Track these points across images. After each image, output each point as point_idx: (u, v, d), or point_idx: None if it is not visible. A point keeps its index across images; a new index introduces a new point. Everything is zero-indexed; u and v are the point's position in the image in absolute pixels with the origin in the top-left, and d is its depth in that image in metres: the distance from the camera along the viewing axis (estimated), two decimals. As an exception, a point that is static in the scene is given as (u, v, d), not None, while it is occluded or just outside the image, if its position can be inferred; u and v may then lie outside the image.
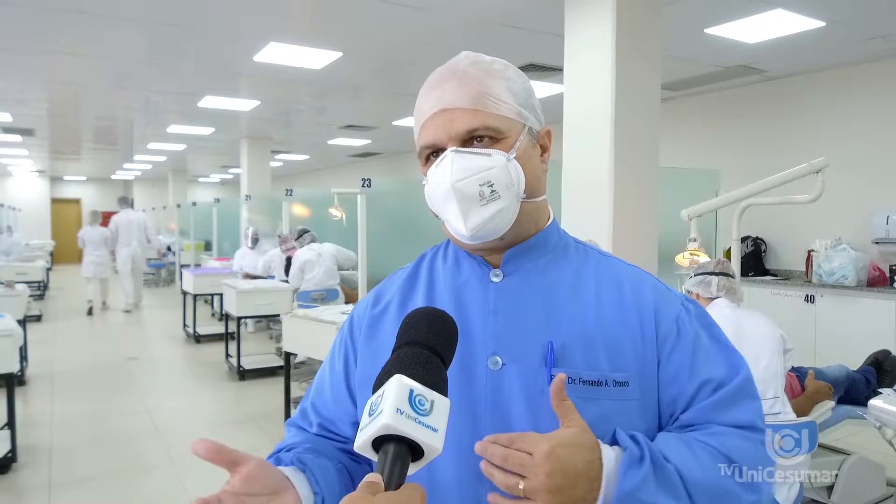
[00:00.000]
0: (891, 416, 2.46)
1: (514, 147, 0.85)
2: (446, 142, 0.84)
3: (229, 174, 17.57)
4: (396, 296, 0.96)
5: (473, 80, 0.85)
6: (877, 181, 5.46)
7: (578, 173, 3.66)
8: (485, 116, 0.84)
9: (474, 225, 0.83)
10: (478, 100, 0.84)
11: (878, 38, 4.89)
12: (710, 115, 6.85)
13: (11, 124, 9.18)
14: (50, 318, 9.16)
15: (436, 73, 0.89)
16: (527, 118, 0.88)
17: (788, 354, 2.60)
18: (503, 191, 0.83)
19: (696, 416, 0.83)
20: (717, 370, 0.85)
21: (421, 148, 0.88)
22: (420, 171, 0.91)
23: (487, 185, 0.82)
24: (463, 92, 0.84)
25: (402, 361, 0.69)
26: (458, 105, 0.84)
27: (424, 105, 0.88)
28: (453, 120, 0.84)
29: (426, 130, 0.87)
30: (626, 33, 3.49)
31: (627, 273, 0.92)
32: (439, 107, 0.85)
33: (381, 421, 0.62)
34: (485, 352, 0.86)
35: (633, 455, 0.74)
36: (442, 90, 0.85)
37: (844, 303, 5.22)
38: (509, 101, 0.86)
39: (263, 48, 5.19)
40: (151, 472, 3.77)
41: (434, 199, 0.87)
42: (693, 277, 2.77)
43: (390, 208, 5.77)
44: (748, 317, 2.64)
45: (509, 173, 0.84)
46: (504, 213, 0.84)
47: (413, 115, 0.93)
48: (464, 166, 0.82)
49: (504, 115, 0.85)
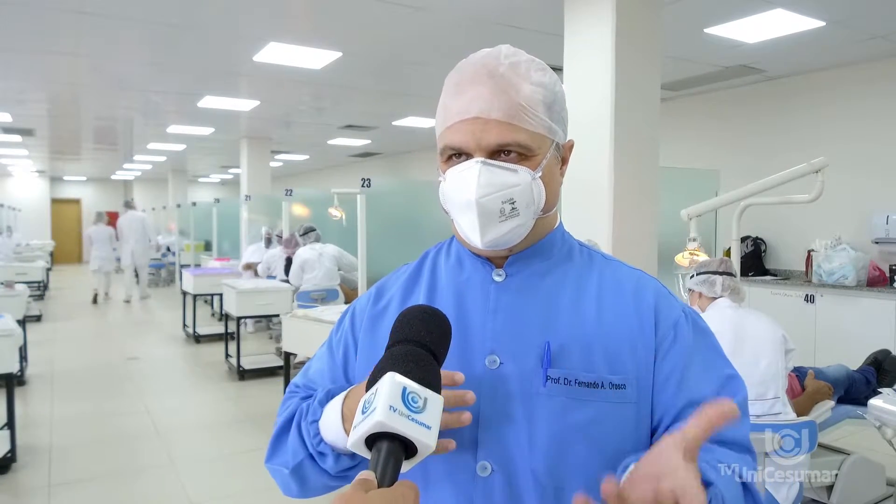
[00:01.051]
0: (890, 415, 2.46)
1: (540, 165, 0.84)
2: (475, 150, 0.82)
3: (229, 174, 17.58)
4: (398, 293, 0.96)
5: (511, 89, 0.82)
6: (877, 181, 5.46)
7: (578, 173, 3.65)
8: (518, 132, 0.82)
9: (490, 239, 0.83)
10: (514, 114, 0.81)
11: (878, 38, 4.89)
12: (710, 115, 6.85)
13: (11, 124, 9.19)
14: (50, 319, 9.16)
15: (470, 69, 0.85)
16: (556, 133, 0.86)
17: (790, 355, 2.59)
18: (523, 209, 0.83)
19: None
20: (707, 389, 0.84)
21: (445, 146, 0.86)
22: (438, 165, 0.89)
23: (510, 202, 0.82)
24: (501, 102, 0.81)
25: (395, 359, 0.69)
26: (492, 116, 0.81)
27: (455, 106, 0.84)
28: (486, 131, 0.81)
29: (455, 133, 0.84)
30: (626, 33, 3.49)
31: (630, 277, 0.91)
32: (473, 113, 0.82)
33: (375, 418, 0.62)
34: (483, 350, 0.86)
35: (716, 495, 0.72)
36: (477, 93, 0.82)
37: (844, 303, 5.22)
38: (543, 116, 0.84)
39: (263, 48, 5.19)
40: (151, 472, 3.77)
41: (451, 202, 0.86)
42: (696, 276, 2.76)
43: (390, 208, 5.76)
44: (750, 317, 2.64)
45: (532, 192, 0.83)
46: (519, 228, 0.84)
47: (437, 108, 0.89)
48: (490, 181, 0.81)
49: (536, 132, 0.83)
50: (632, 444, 0.82)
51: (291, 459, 0.86)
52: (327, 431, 0.82)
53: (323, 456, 0.83)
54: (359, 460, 0.83)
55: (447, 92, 0.86)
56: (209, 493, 3.49)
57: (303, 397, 0.94)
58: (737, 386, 0.86)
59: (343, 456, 0.82)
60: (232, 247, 10.08)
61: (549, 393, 0.81)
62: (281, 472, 0.88)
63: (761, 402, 2.47)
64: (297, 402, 0.92)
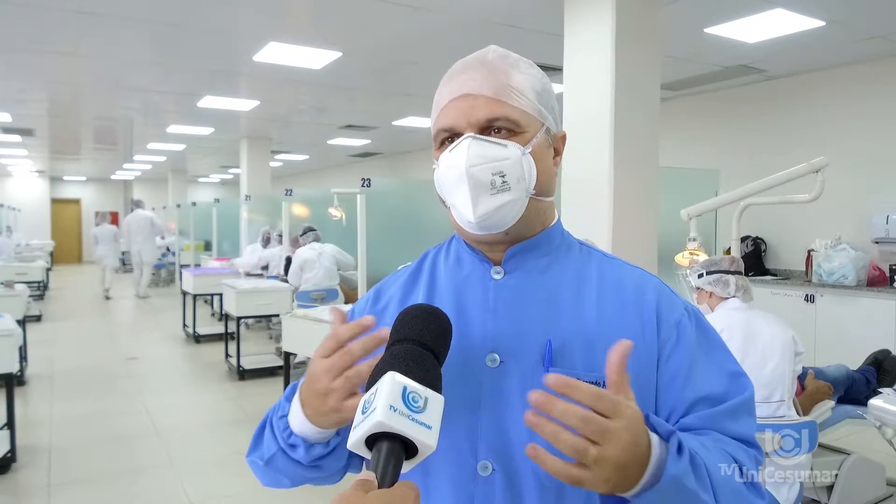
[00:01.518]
0: (891, 415, 2.46)
1: (530, 142, 0.85)
2: (465, 127, 0.85)
3: (229, 174, 17.57)
4: (397, 293, 0.96)
5: (499, 72, 0.85)
6: (876, 181, 5.46)
7: (578, 173, 3.65)
8: (506, 108, 0.84)
9: (482, 212, 0.83)
10: (502, 91, 0.84)
11: (878, 38, 4.89)
12: (710, 115, 6.85)
13: (11, 124, 9.18)
14: (49, 318, 9.16)
15: (460, 62, 0.89)
16: (546, 118, 0.88)
17: (799, 357, 2.54)
18: (514, 183, 0.83)
19: (696, 422, 0.82)
20: (715, 385, 0.84)
21: (438, 131, 0.88)
22: (433, 155, 0.91)
23: (500, 174, 0.83)
24: (488, 81, 0.84)
25: (395, 358, 0.69)
26: (481, 92, 0.84)
27: (445, 90, 0.88)
28: (475, 106, 0.84)
29: (445, 113, 0.87)
30: (626, 33, 3.49)
31: (631, 274, 0.91)
32: (462, 91, 0.85)
33: (375, 418, 0.62)
34: (483, 349, 0.85)
35: (675, 442, 0.73)
36: (467, 76, 0.86)
37: (844, 302, 5.22)
38: (532, 98, 0.86)
39: (263, 48, 5.19)
40: (151, 472, 3.77)
41: (444, 183, 0.86)
42: (707, 275, 2.72)
43: (390, 208, 5.77)
44: (759, 318, 2.60)
45: (522, 167, 0.84)
46: (512, 205, 0.84)
47: (431, 105, 0.92)
48: (479, 153, 0.82)
49: (525, 111, 0.85)
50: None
51: (266, 452, 0.88)
52: (294, 423, 0.83)
53: (294, 448, 0.84)
54: (332, 447, 0.84)
55: (440, 86, 0.90)
56: (209, 493, 3.49)
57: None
58: (744, 383, 0.86)
59: (315, 445, 0.83)
60: (232, 247, 10.08)
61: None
62: (256, 463, 0.90)
63: (766, 405, 2.44)
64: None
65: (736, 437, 0.82)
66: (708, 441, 0.79)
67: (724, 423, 0.82)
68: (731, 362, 0.88)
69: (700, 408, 0.82)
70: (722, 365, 0.87)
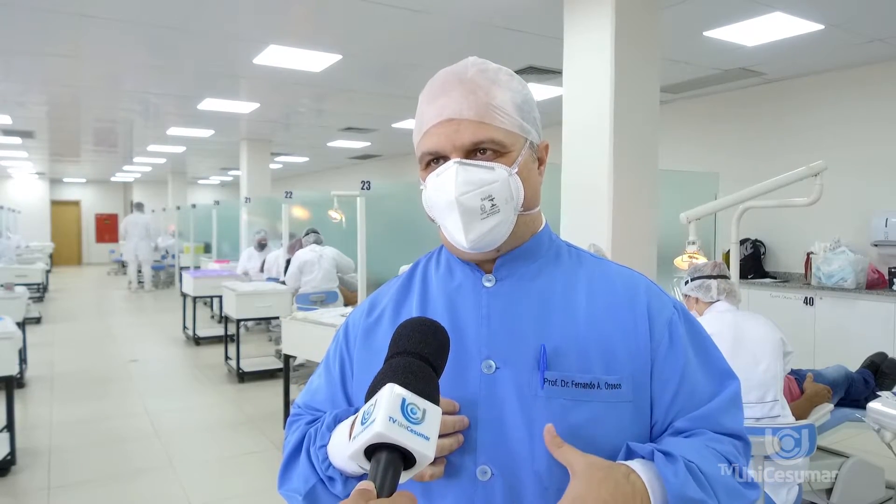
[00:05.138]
0: (889, 418, 2.46)
1: (515, 161, 0.86)
2: (450, 152, 0.85)
3: (229, 176, 17.58)
4: (390, 304, 0.97)
5: (480, 91, 0.85)
6: (876, 183, 5.46)
7: (578, 176, 3.66)
8: (490, 130, 0.84)
9: (474, 237, 0.85)
10: (484, 112, 0.84)
11: (877, 41, 4.89)
12: (710, 118, 6.86)
13: (11, 126, 9.19)
14: (49, 321, 9.16)
15: (440, 79, 0.88)
16: (528, 132, 0.89)
17: (788, 357, 2.59)
18: (503, 205, 0.84)
19: (688, 425, 0.85)
20: (707, 382, 0.88)
21: (423, 154, 0.89)
22: (419, 174, 0.91)
23: (489, 199, 0.83)
24: (470, 102, 0.84)
25: (394, 371, 0.69)
26: (464, 116, 0.84)
27: (429, 112, 0.87)
28: (459, 131, 0.84)
29: (430, 137, 0.87)
30: (626, 36, 3.50)
31: (620, 275, 0.93)
32: (445, 115, 0.85)
33: (374, 429, 0.63)
34: (478, 356, 0.86)
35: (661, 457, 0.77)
36: (449, 98, 0.85)
37: (843, 305, 5.22)
38: (514, 115, 0.86)
39: (263, 51, 5.20)
40: (151, 475, 3.77)
41: (434, 207, 0.87)
42: (691, 282, 2.75)
43: (390, 211, 5.77)
44: (748, 320, 2.63)
45: (510, 188, 0.85)
46: (501, 225, 0.85)
47: (415, 118, 0.92)
48: (467, 179, 0.83)
49: (508, 130, 0.86)
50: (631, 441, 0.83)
51: (303, 485, 0.87)
52: (336, 456, 0.83)
53: (332, 481, 0.84)
54: None
55: (420, 104, 0.90)
56: (209, 496, 3.49)
57: (308, 421, 0.95)
58: (731, 379, 0.90)
59: (352, 479, 0.83)
60: (231, 249, 10.08)
61: (547, 395, 0.82)
62: (295, 498, 0.89)
63: (761, 405, 2.47)
64: (304, 427, 0.93)
65: (727, 433, 0.85)
66: (699, 443, 0.82)
67: (715, 421, 0.85)
68: (720, 360, 0.91)
69: (692, 404, 0.86)
70: (713, 364, 0.90)
